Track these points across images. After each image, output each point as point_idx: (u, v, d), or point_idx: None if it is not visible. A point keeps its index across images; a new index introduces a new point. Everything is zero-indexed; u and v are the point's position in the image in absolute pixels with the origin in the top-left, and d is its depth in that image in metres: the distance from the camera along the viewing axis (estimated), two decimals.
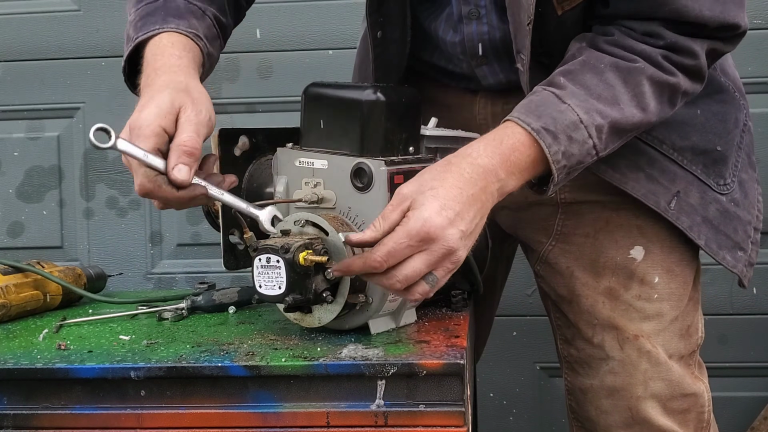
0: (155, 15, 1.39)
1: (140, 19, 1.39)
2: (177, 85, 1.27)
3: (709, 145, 1.53)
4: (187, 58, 1.34)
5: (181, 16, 1.39)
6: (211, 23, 1.45)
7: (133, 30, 1.39)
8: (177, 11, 1.40)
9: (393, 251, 1.20)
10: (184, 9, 1.41)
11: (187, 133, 1.21)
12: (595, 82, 1.34)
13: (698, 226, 1.52)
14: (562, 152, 1.30)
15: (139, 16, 1.40)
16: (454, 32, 1.53)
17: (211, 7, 1.46)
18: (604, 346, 1.54)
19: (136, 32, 1.38)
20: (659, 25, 1.36)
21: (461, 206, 1.22)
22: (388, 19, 1.51)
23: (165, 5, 1.40)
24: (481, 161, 1.26)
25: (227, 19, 1.50)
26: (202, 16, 1.43)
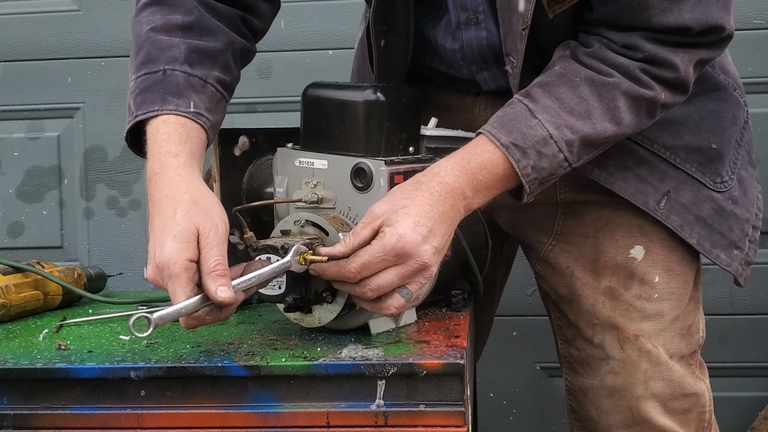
0: (154, 91, 1.34)
1: (140, 93, 1.36)
2: (183, 202, 1.23)
3: (704, 142, 1.53)
4: (185, 153, 1.30)
5: (181, 93, 1.34)
6: (213, 90, 1.38)
7: (133, 103, 1.36)
8: (177, 88, 1.34)
9: (367, 263, 1.23)
10: (183, 85, 1.35)
11: (214, 259, 1.20)
12: (569, 95, 1.36)
13: (690, 224, 1.52)
14: (532, 166, 1.33)
15: (138, 88, 1.36)
16: (453, 40, 1.53)
17: (213, 71, 1.39)
18: (605, 345, 1.54)
19: (136, 108, 1.35)
20: (639, 36, 1.36)
21: (433, 223, 1.25)
22: (392, 28, 1.52)
23: (164, 80, 1.35)
24: (448, 180, 1.29)
25: (232, 74, 1.44)
26: (203, 87, 1.37)
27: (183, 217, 1.21)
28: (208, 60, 1.39)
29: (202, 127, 1.34)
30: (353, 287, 1.26)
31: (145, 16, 1.43)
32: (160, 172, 1.28)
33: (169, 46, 1.37)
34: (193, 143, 1.32)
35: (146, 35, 1.40)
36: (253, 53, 1.52)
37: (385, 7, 1.49)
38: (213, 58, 1.40)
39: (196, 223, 1.21)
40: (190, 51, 1.38)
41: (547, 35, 1.42)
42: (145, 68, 1.37)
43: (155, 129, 1.32)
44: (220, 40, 1.42)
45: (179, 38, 1.38)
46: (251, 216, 1.46)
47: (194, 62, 1.37)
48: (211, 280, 1.18)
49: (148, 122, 1.34)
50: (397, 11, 1.50)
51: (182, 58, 1.37)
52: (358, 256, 1.24)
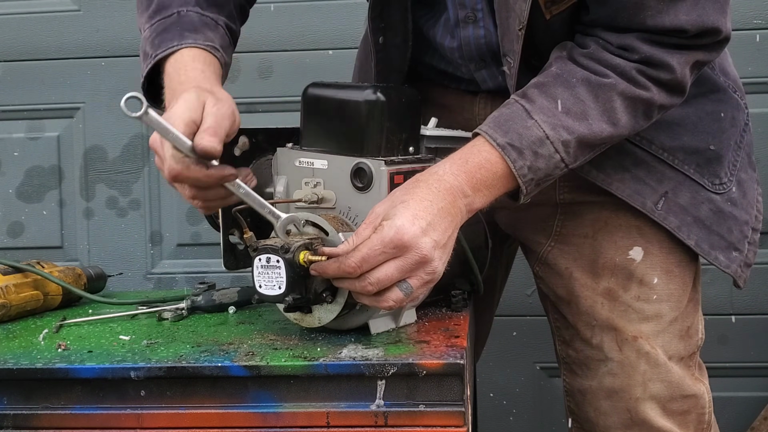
0: (171, 31, 1.40)
1: (157, 36, 1.41)
2: (202, 88, 1.30)
3: (702, 144, 1.53)
4: (209, 71, 1.37)
5: (197, 29, 1.41)
6: (224, 32, 1.46)
7: (151, 47, 1.41)
8: (192, 25, 1.41)
9: (367, 257, 1.23)
10: (198, 22, 1.42)
11: (210, 120, 1.25)
12: (565, 96, 1.36)
13: (688, 226, 1.52)
14: (528, 167, 1.33)
15: (155, 32, 1.42)
16: (452, 38, 1.53)
17: (222, 16, 1.47)
18: (603, 347, 1.53)
19: (154, 49, 1.40)
20: (636, 38, 1.36)
21: (432, 217, 1.25)
22: (390, 24, 1.52)
23: (180, 20, 1.42)
24: (447, 178, 1.30)
25: (236, 25, 1.52)
26: (216, 27, 1.45)
27: (196, 92, 1.27)
28: (215, 6, 1.47)
29: (219, 61, 1.40)
30: (353, 282, 1.25)
31: None
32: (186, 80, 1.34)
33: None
34: (216, 69, 1.38)
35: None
36: (247, 14, 1.59)
37: (380, 3, 1.50)
38: (220, 6, 1.48)
39: (204, 99, 1.26)
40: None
41: (544, 36, 1.43)
42: (159, 15, 1.43)
43: (178, 57, 1.38)
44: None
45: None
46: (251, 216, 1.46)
47: (204, 5, 1.45)
48: (199, 135, 1.22)
49: (166, 60, 1.38)
50: (394, 8, 1.51)
51: (193, 1, 1.44)
52: (357, 250, 1.23)
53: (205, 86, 1.32)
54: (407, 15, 1.52)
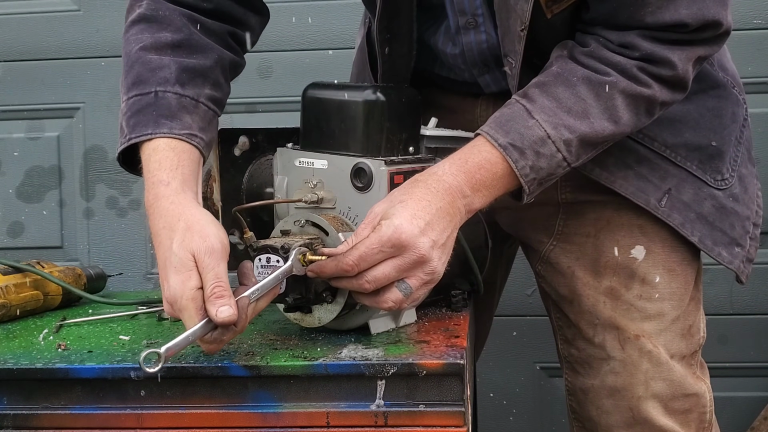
0: (147, 114, 1.34)
1: (132, 115, 1.35)
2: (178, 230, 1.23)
3: (704, 140, 1.53)
4: (177, 179, 1.30)
5: (173, 115, 1.34)
6: (205, 109, 1.39)
7: (126, 125, 1.36)
8: (169, 110, 1.35)
9: (364, 255, 1.23)
10: (176, 106, 1.35)
11: (210, 283, 1.19)
12: (566, 95, 1.36)
13: (691, 222, 1.52)
14: (530, 166, 1.33)
15: (130, 110, 1.36)
16: (453, 45, 1.53)
17: (204, 89, 1.40)
18: (605, 346, 1.53)
19: (129, 130, 1.35)
20: (636, 35, 1.36)
21: (431, 216, 1.25)
22: (396, 35, 1.52)
23: (156, 102, 1.35)
24: (446, 178, 1.30)
25: (222, 90, 1.45)
26: (195, 107, 1.38)
27: (179, 246, 1.21)
28: (198, 78, 1.39)
29: (195, 147, 1.35)
30: (351, 281, 1.25)
31: (134, 35, 1.42)
32: (155, 203, 1.28)
33: (159, 67, 1.37)
34: (185, 167, 1.32)
35: (136, 55, 1.39)
36: (242, 66, 1.53)
37: (389, 14, 1.49)
38: (204, 76, 1.40)
39: (191, 249, 1.21)
40: (181, 71, 1.38)
41: (545, 35, 1.42)
42: (136, 89, 1.37)
43: (147, 157, 1.33)
44: (210, 57, 1.42)
45: (169, 57, 1.38)
46: (251, 216, 1.46)
47: (185, 82, 1.37)
48: (210, 304, 1.18)
49: (141, 145, 1.34)
50: (401, 18, 1.50)
51: (173, 79, 1.37)
52: (355, 249, 1.23)
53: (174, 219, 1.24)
54: (413, 25, 1.52)
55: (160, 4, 1.42)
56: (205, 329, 1.18)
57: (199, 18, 1.44)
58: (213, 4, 1.45)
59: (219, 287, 1.18)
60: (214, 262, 1.20)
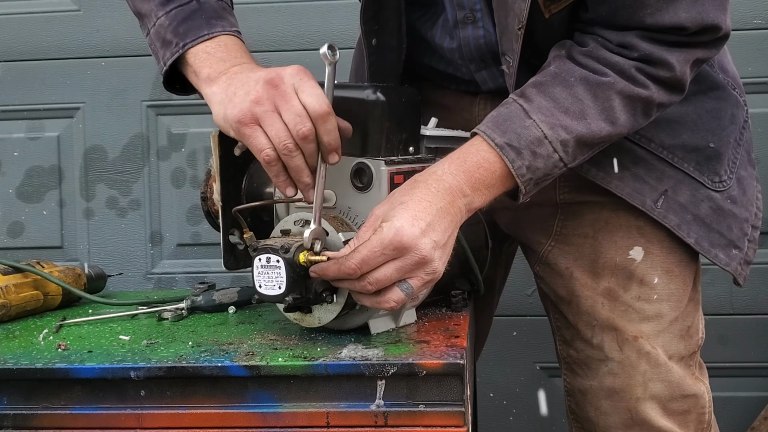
0: (195, 19, 1.39)
1: (179, 24, 1.39)
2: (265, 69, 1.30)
3: (702, 142, 1.53)
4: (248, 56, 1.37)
5: (221, 16, 1.41)
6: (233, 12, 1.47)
7: (174, 35, 1.39)
8: (215, 12, 1.41)
9: (367, 258, 1.23)
10: (219, 8, 1.42)
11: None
12: (564, 95, 1.36)
13: (688, 224, 1.52)
14: (527, 166, 1.33)
15: (175, 20, 1.40)
16: (451, 38, 1.53)
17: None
18: (604, 347, 1.53)
19: (180, 37, 1.38)
20: (635, 36, 1.36)
21: (432, 217, 1.25)
22: (383, 27, 1.52)
23: (201, 7, 1.41)
24: (446, 178, 1.30)
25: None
26: (231, 10, 1.45)
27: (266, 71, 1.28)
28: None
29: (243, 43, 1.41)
30: (353, 283, 1.26)
31: None
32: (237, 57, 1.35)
33: None
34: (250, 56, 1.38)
35: None
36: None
37: (374, 5, 1.49)
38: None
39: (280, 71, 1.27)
40: None
41: (543, 35, 1.42)
42: (175, 2, 1.41)
43: (213, 44, 1.37)
44: None
45: None
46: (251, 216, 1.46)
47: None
48: None
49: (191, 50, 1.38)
50: (388, 9, 1.50)
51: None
52: (357, 252, 1.24)
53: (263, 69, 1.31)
54: (401, 17, 1.52)
55: None
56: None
57: None
58: None
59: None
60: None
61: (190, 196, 2.56)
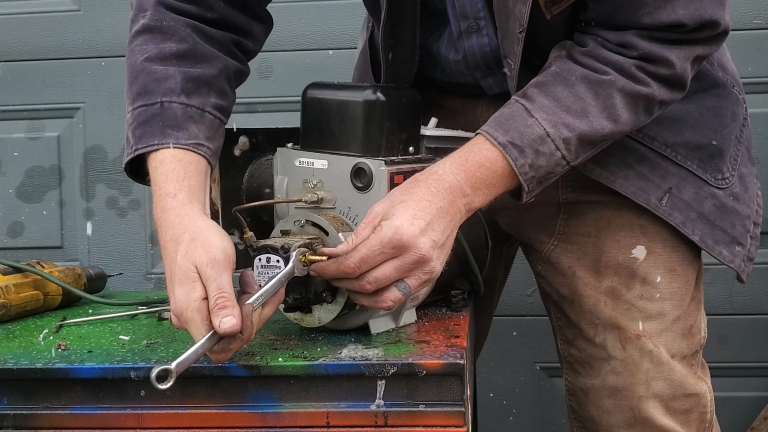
0: (153, 125, 1.35)
1: (138, 126, 1.36)
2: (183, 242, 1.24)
3: (704, 139, 1.53)
4: (183, 191, 1.30)
5: (179, 126, 1.35)
6: (211, 118, 1.39)
7: (132, 136, 1.36)
8: (175, 120, 1.35)
9: (366, 257, 1.23)
10: (182, 116, 1.36)
11: (213, 294, 1.19)
12: (565, 94, 1.36)
13: (692, 221, 1.52)
14: (530, 165, 1.34)
15: (136, 120, 1.36)
16: (456, 51, 1.54)
17: (210, 98, 1.40)
18: (606, 345, 1.53)
19: (135, 141, 1.35)
20: (634, 35, 1.36)
21: (431, 217, 1.26)
22: (400, 41, 1.52)
23: (162, 113, 1.35)
24: (446, 178, 1.30)
25: (228, 98, 1.45)
26: (201, 117, 1.38)
27: (182, 258, 1.22)
28: (204, 88, 1.39)
29: (202, 156, 1.35)
30: (352, 282, 1.26)
31: (139, 45, 1.42)
32: (162, 215, 1.29)
33: (164, 77, 1.37)
34: (192, 178, 1.32)
35: (141, 66, 1.39)
36: (247, 73, 1.53)
37: (393, 21, 1.49)
38: (209, 85, 1.40)
39: (194, 261, 1.21)
40: (186, 80, 1.38)
41: (544, 36, 1.43)
42: (142, 100, 1.37)
43: (154, 169, 1.33)
44: (215, 66, 1.42)
45: (174, 67, 1.38)
46: (251, 216, 1.46)
47: (191, 92, 1.38)
48: (214, 316, 1.18)
49: (148, 156, 1.34)
50: (405, 24, 1.50)
51: (179, 89, 1.37)
52: (356, 251, 1.24)
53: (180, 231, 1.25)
54: (416, 31, 1.52)
55: (164, 15, 1.42)
56: (212, 341, 1.18)
57: (203, 28, 1.43)
58: (217, 13, 1.45)
59: (222, 298, 1.18)
60: (216, 272, 1.20)
61: None
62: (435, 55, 1.57)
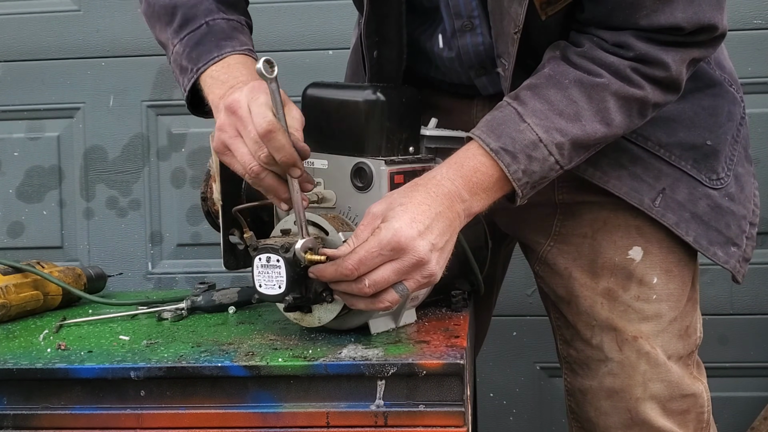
0: (206, 43, 1.43)
1: (192, 50, 1.43)
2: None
3: (699, 139, 1.53)
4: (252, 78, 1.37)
5: (231, 36, 1.44)
6: (248, 32, 1.50)
7: (188, 61, 1.43)
8: (224, 33, 1.44)
9: (364, 259, 1.23)
10: (228, 29, 1.45)
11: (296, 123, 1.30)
12: (558, 97, 1.36)
13: (686, 222, 1.52)
14: (523, 170, 1.33)
15: (188, 46, 1.44)
16: (449, 49, 1.53)
17: (241, 13, 1.51)
18: (603, 347, 1.53)
19: (194, 63, 1.42)
20: (631, 35, 1.36)
21: (430, 220, 1.26)
22: (385, 39, 1.52)
23: (210, 30, 1.44)
24: (444, 183, 1.30)
25: (249, 16, 1.55)
26: (243, 28, 1.48)
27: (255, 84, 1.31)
28: (233, 4, 1.50)
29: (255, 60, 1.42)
30: (351, 285, 1.26)
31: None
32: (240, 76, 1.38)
33: (199, 2, 1.46)
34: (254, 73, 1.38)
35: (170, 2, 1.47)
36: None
37: (376, 17, 1.49)
38: (235, 5, 1.51)
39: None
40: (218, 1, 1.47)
41: (539, 36, 1.42)
42: (187, 28, 1.45)
43: (221, 65, 1.41)
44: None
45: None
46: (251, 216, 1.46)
47: (225, 9, 1.48)
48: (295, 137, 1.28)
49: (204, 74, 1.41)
50: (389, 22, 1.50)
51: (215, 8, 1.47)
52: (354, 253, 1.24)
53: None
54: (402, 29, 1.51)
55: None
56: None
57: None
58: None
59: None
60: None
61: (190, 196, 2.56)
62: (428, 52, 1.57)
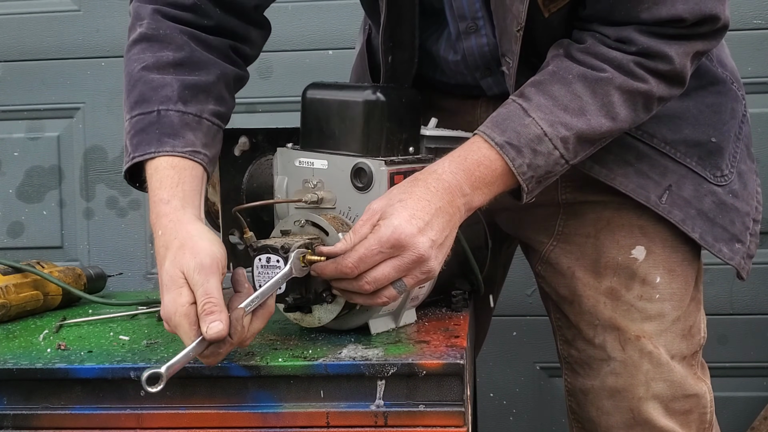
0: (150, 133, 1.35)
1: (135, 134, 1.36)
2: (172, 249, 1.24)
3: (703, 136, 1.53)
4: (177, 197, 1.30)
5: (176, 133, 1.35)
6: (209, 125, 1.40)
7: (130, 144, 1.37)
8: (172, 128, 1.35)
9: (364, 257, 1.23)
10: (178, 124, 1.36)
11: (201, 299, 1.19)
12: (562, 93, 1.36)
13: (692, 219, 1.52)
14: (528, 164, 1.33)
15: (134, 129, 1.37)
16: (455, 52, 1.53)
17: (207, 105, 1.40)
18: (606, 346, 1.53)
19: (133, 149, 1.36)
20: (633, 30, 1.36)
21: (430, 216, 1.26)
22: (399, 44, 1.52)
23: (159, 121, 1.36)
24: (445, 177, 1.30)
25: (226, 104, 1.45)
26: (198, 124, 1.38)
27: (170, 264, 1.22)
28: (201, 95, 1.40)
29: (198, 164, 1.35)
30: (351, 283, 1.26)
31: (136, 54, 1.42)
32: (156, 222, 1.30)
33: (161, 86, 1.38)
34: (186, 183, 1.32)
35: (138, 74, 1.39)
36: (246, 78, 1.53)
37: (392, 23, 1.49)
38: (206, 92, 1.41)
39: (181, 267, 1.21)
40: (183, 88, 1.38)
41: (543, 34, 1.42)
42: (139, 108, 1.37)
43: (150, 176, 1.34)
44: (212, 73, 1.42)
45: (171, 75, 1.39)
46: (251, 216, 1.46)
47: (188, 99, 1.38)
48: (202, 321, 1.17)
49: (145, 164, 1.35)
50: (404, 26, 1.50)
51: (175, 97, 1.37)
52: (354, 251, 1.24)
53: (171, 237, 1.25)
54: (415, 33, 1.52)
55: (160, 23, 1.42)
56: (201, 346, 1.17)
57: (199, 35, 1.43)
58: (213, 21, 1.45)
59: (209, 303, 1.18)
60: (203, 278, 1.20)
61: None
62: (434, 56, 1.57)
